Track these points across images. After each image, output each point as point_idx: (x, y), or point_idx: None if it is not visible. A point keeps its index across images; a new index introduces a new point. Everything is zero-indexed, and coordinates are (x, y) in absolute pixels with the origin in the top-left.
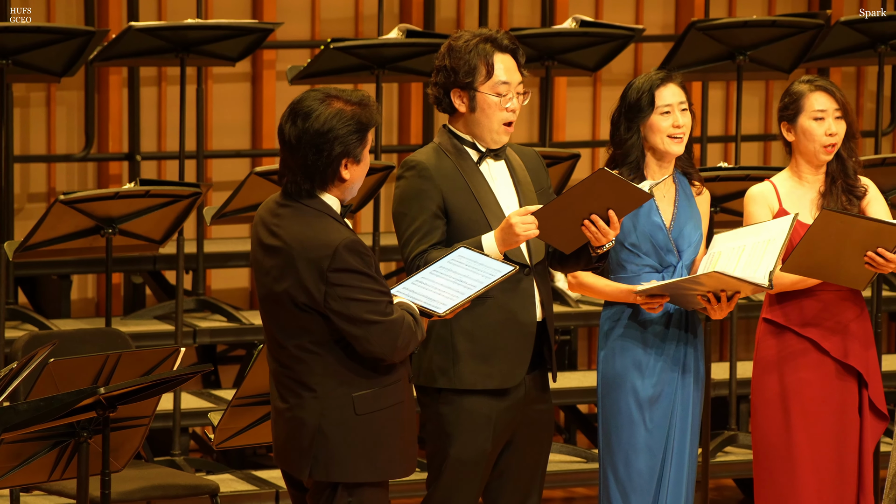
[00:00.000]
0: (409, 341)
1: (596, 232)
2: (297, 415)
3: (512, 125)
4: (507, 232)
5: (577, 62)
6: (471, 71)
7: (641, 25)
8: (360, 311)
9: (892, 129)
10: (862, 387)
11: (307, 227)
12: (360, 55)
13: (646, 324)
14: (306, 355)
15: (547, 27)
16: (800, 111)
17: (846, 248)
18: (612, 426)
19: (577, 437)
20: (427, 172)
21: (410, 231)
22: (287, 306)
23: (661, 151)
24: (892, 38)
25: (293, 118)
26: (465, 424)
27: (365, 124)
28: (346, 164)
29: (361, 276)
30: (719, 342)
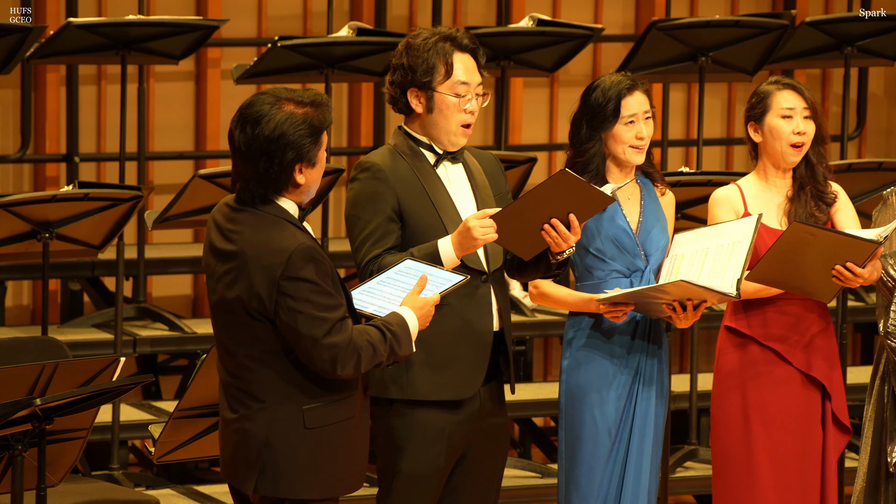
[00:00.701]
0: (358, 363)
1: (556, 237)
2: (244, 426)
3: (470, 127)
4: (464, 236)
5: (533, 62)
6: (429, 70)
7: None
8: (306, 327)
9: (858, 133)
10: (825, 399)
11: (262, 233)
12: (309, 54)
13: (611, 333)
14: (256, 365)
15: (503, 26)
16: (767, 109)
17: (814, 260)
18: (575, 439)
19: (533, 452)
20: (382, 174)
21: (364, 235)
22: (238, 314)
23: (622, 161)
24: (859, 40)
25: (242, 124)
26: (418, 438)
27: (318, 127)
28: (300, 169)
29: (314, 287)
30: (679, 353)
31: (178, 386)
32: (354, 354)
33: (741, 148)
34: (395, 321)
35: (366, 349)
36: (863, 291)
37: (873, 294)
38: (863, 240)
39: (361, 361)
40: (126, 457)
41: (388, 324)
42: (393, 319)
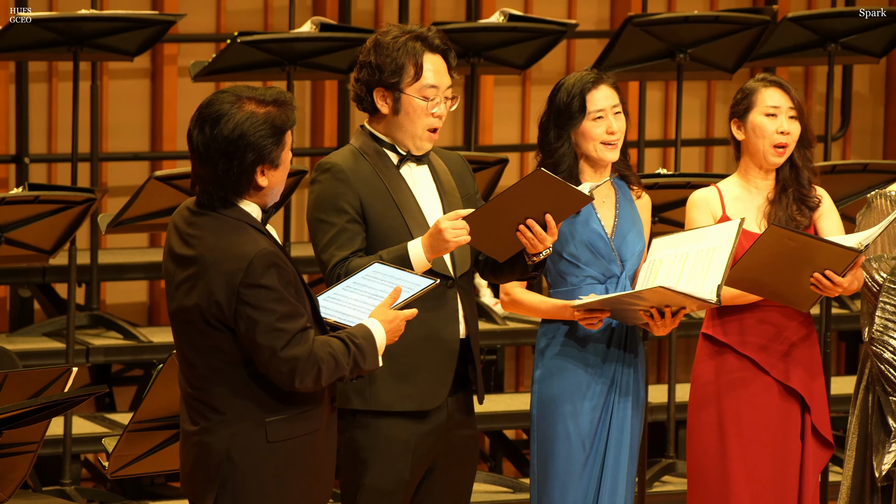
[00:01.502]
0: (319, 376)
1: (532, 238)
2: (204, 440)
3: (437, 132)
4: (435, 238)
5: (504, 59)
6: (397, 70)
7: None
8: (264, 337)
9: (842, 133)
10: (805, 411)
11: (223, 237)
12: (270, 50)
13: (585, 341)
14: (217, 376)
15: (472, 21)
16: (751, 106)
17: (791, 266)
18: (548, 452)
19: (504, 466)
20: (343, 175)
21: (328, 238)
22: (197, 322)
23: (594, 159)
24: (843, 36)
25: (201, 124)
26: (382, 450)
27: (280, 127)
28: (262, 171)
29: (275, 295)
30: (657, 363)
31: (133, 397)
32: (314, 367)
33: (721, 149)
34: (360, 334)
35: (327, 362)
36: (847, 299)
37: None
38: (843, 247)
39: (322, 375)
40: (78, 471)
41: (353, 336)
42: (359, 332)
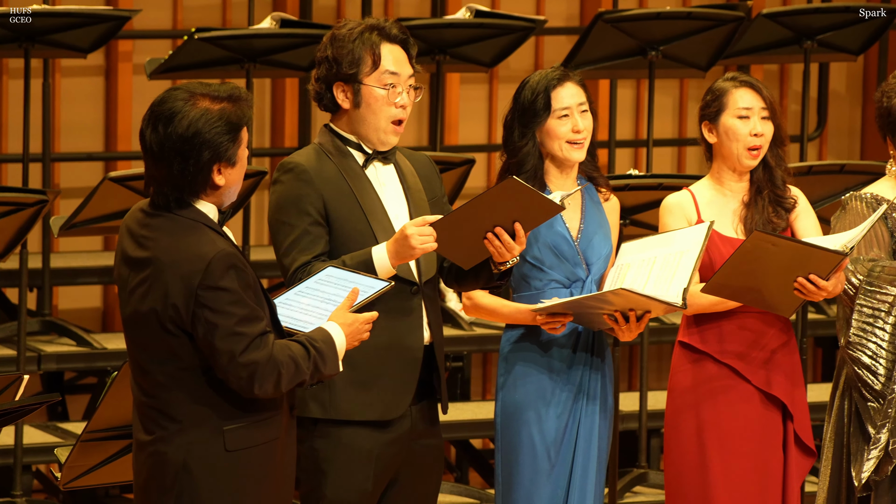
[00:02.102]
0: (279, 381)
1: (500, 246)
2: (160, 449)
3: (402, 124)
4: (401, 244)
5: (471, 57)
6: (355, 62)
7: (543, 17)
8: (223, 341)
9: (819, 133)
10: (787, 419)
11: (179, 239)
12: (228, 47)
13: (550, 347)
14: (173, 383)
15: (438, 17)
16: (723, 109)
17: (775, 272)
18: (513, 461)
19: (470, 476)
20: (306, 175)
21: (291, 240)
22: (153, 327)
23: (560, 159)
24: (819, 33)
25: (154, 123)
26: (343, 460)
27: (236, 123)
28: (218, 170)
29: (234, 298)
30: (628, 370)
31: (86, 406)
32: (274, 372)
33: (694, 149)
34: (320, 337)
35: (287, 366)
36: (824, 304)
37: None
38: (828, 251)
39: (282, 380)
40: (30, 483)
41: (312, 340)
42: (318, 335)
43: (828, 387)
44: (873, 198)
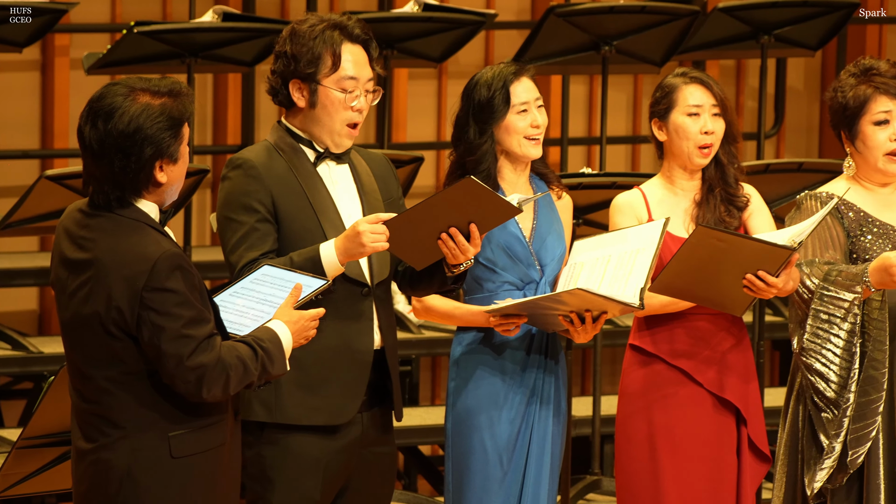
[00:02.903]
0: (227, 384)
1: (454, 248)
2: (102, 457)
3: (357, 128)
4: (352, 241)
5: (419, 52)
6: (314, 60)
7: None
8: (170, 344)
9: (776, 130)
10: (741, 424)
11: (122, 239)
12: (169, 41)
13: (503, 350)
14: (116, 388)
15: (385, 11)
16: (672, 106)
17: (723, 269)
18: (464, 468)
19: (419, 483)
20: (255, 171)
21: (238, 237)
22: (96, 331)
23: (518, 155)
24: (777, 28)
25: (93, 119)
26: (291, 468)
27: (178, 118)
28: (160, 166)
29: (180, 300)
30: (581, 374)
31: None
32: (223, 375)
33: (648, 147)
34: (266, 337)
35: (235, 368)
36: (781, 305)
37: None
38: (776, 246)
39: (230, 382)
40: None
41: (259, 340)
42: (264, 335)
43: (784, 391)
44: (828, 197)
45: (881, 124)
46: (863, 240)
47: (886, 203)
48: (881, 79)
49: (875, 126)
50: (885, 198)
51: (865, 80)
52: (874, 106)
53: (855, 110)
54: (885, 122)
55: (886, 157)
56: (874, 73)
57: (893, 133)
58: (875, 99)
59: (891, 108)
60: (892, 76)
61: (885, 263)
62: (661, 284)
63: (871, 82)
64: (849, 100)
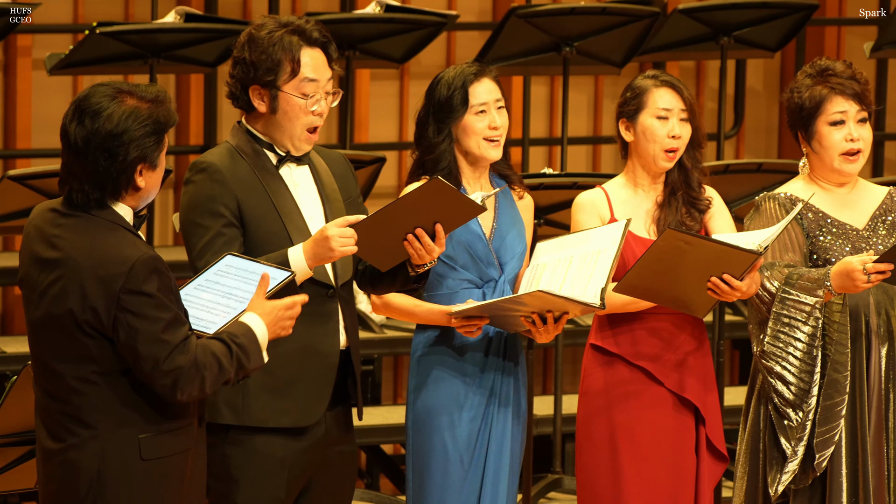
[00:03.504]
0: (203, 384)
1: (420, 248)
2: (72, 457)
3: (317, 131)
4: (320, 245)
5: (381, 52)
6: (273, 67)
7: (455, 11)
8: (147, 347)
9: (735, 131)
10: (699, 424)
11: (98, 240)
12: (131, 41)
13: (463, 349)
14: (87, 387)
15: (347, 12)
16: (641, 107)
17: (688, 271)
18: (424, 466)
19: (381, 482)
20: (219, 175)
21: (204, 242)
22: (69, 330)
23: (476, 156)
24: (736, 29)
25: (80, 117)
26: (256, 468)
27: (163, 124)
28: (141, 171)
29: (157, 302)
30: (543, 373)
31: None
32: (198, 376)
33: (609, 147)
34: (240, 332)
35: (210, 368)
36: (741, 305)
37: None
38: (742, 250)
39: (206, 382)
40: None
41: (233, 336)
42: (238, 330)
43: (744, 390)
44: (787, 198)
45: (837, 125)
46: (822, 240)
47: (844, 203)
48: (837, 79)
49: (831, 126)
50: (842, 197)
51: (821, 80)
52: (830, 106)
53: (811, 111)
54: (840, 123)
55: (842, 158)
56: (830, 73)
57: (849, 133)
58: (831, 99)
59: (846, 109)
60: (847, 77)
61: (847, 268)
62: (626, 285)
63: (826, 83)
64: (805, 100)
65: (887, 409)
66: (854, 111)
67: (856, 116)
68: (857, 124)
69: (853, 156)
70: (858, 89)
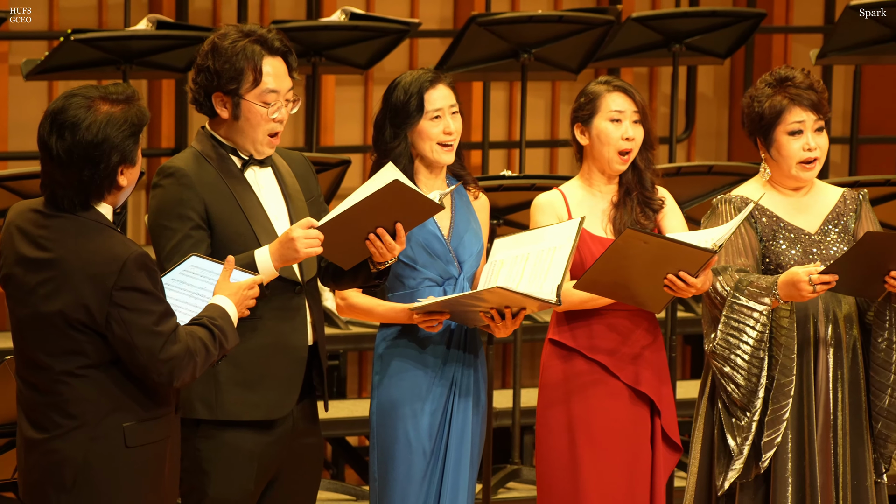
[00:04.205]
0: (195, 369)
1: (381, 247)
2: (56, 446)
3: (278, 136)
4: (286, 247)
5: (346, 59)
6: (236, 76)
7: (417, 19)
8: (142, 339)
9: (687, 135)
10: (654, 415)
11: (87, 240)
12: (105, 48)
13: (425, 344)
14: (75, 380)
15: (313, 20)
16: (595, 112)
17: (645, 268)
18: (388, 458)
19: (347, 473)
20: (187, 180)
21: (172, 245)
22: (59, 327)
23: (430, 160)
24: (688, 37)
25: (59, 131)
26: (226, 461)
27: (138, 124)
28: (122, 171)
29: (149, 297)
30: (502, 367)
31: None
32: (191, 362)
33: (566, 150)
34: (217, 314)
35: (200, 353)
36: (693, 302)
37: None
38: (697, 248)
39: (197, 367)
40: None
41: (212, 319)
42: (214, 312)
43: (696, 383)
44: (741, 200)
45: (795, 134)
46: (776, 245)
47: (799, 208)
48: (796, 90)
49: (789, 136)
50: (798, 202)
51: (781, 90)
52: (789, 116)
53: (770, 120)
54: (799, 133)
55: (799, 166)
56: (789, 83)
57: (806, 143)
58: (790, 110)
59: (804, 119)
60: (806, 87)
61: (794, 279)
62: (586, 282)
63: (786, 93)
64: (765, 110)
65: (835, 410)
66: (812, 121)
67: (813, 126)
68: (814, 133)
69: (810, 164)
70: (816, 99)
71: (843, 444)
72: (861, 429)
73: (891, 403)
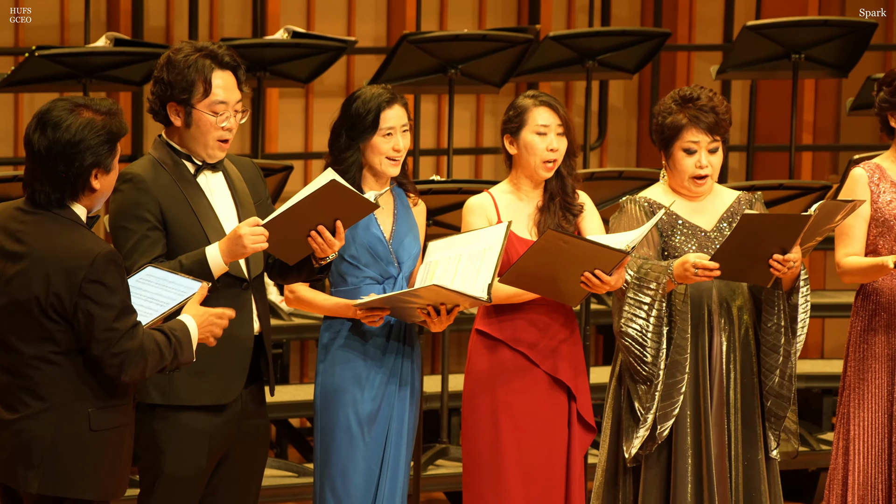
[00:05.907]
0: (145, 367)
1: (322, 243)
2: (26, 426)
3: (228, 142)
4: (234, 243)
5: (289, 73)
6: (188, 87)
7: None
8: (101, 330)
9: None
10: (571, 400)
11: (61, 235)
12: (67, 63)
13: (366, 336)
14: (45, 365)
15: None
16: (523, 125)
17: (565, 266)
18: (330, 440)
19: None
20: (144, 185)
21: (131, 244)
22: (33, 314)
23: (378, 172)
24: (600, 54)
25: (42, 128)
26: (180, 440)
27: (116, 134)
28: (96, 175)
29: (113, 293)
30: (431, 355)
31: None
32: (142, 360)
33: (489, 157)
34: (178, 328)
35: (153, 354)
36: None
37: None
38: (612, 249)
39: (148, 366)
40: None
41: (172, 329)
42: (177, 326)
43: (608, 369)
44: (646, 202)
45: (690, 153)
46: (674, 239)
47: (697, 208)
48: (696, 111)
49: (684, 153)
50: (696, 204)
51: (683, 109)
52: (686, 135)
53: (670, 135)
54: (693, 152)
55: (691, 180)
56: (691, 104)
57: (699, 161)
58: (688, 129)
59: (699, 140)
60: (708, 109)
61: (683, 261)
62: (510, 276)
63: (687, 112)
64: (666, 125)
65: (728, 388)
66: (706, 142)
67: (708, 146)
68: (708, 153)
69: (701, 179)
70: (714, 121)
71: (736, 421)
72: (753, 407)
73: (779, 384)
